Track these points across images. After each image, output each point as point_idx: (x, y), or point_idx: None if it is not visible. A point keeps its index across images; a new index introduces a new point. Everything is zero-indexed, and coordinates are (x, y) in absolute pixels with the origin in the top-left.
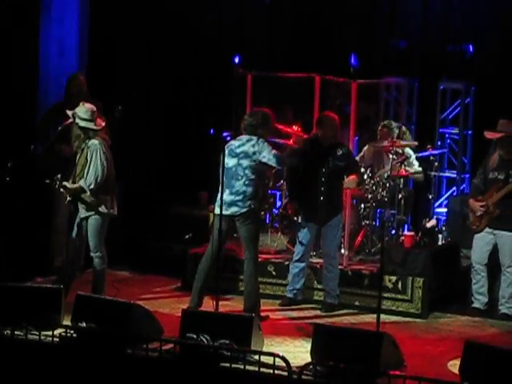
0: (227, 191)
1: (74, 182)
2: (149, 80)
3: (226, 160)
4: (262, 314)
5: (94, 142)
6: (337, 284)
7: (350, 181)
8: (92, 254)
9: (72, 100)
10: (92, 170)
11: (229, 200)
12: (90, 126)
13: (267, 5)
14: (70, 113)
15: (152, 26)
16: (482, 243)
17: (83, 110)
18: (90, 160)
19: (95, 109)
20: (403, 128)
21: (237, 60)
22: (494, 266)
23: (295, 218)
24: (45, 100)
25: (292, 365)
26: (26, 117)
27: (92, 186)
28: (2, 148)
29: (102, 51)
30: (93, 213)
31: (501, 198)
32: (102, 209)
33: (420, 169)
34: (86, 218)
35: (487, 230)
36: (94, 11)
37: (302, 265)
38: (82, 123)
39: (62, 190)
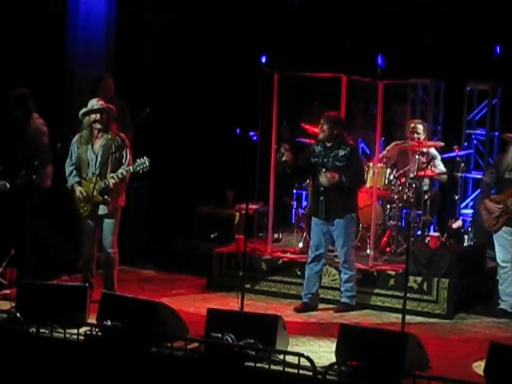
0: None
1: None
2: (175, 80)
3: None
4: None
5: (122, 136)
6: (352, 285)
7: (323, 177)
8: (109, 250)
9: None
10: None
11: None
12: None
13: (296, 4)
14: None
15: (178, 25)
16: (504, 241)
17: (93, 101)
18: (125, 154)
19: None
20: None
21: (263, 60)
22: None
23: None
24: (71, 101)
25: (317, 365)
26: (52, 116)
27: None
28: None
29: (128, 51)
30: (114, 209)
31: None
32: (121, 205)
33: (444, 170)
34: (105, 216)
35: (504, 229)
36: (120, 10)
37: (317, 268)
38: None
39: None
